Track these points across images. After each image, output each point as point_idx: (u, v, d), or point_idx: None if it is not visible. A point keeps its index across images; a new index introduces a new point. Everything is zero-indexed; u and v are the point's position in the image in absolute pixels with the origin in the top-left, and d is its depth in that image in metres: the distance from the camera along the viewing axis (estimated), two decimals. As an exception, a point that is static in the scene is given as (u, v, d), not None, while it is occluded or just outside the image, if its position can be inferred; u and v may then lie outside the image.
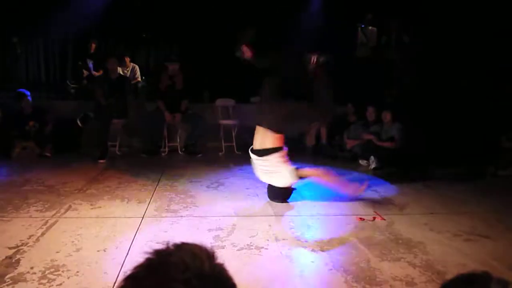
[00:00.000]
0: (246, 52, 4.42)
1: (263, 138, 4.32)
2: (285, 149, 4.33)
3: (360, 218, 3.93)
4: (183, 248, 0.80)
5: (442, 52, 7.88)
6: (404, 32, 8.07)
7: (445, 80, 7.66)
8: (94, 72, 8.28)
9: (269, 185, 4.48)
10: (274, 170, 4.31)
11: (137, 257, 0.81)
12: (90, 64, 8.35)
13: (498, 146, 6.03)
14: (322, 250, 3.20)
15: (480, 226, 3.85)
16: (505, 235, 3.68)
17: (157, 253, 0.79)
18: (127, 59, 8.64)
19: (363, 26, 8.50)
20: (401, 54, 8.19)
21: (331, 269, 2.89)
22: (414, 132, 6.47)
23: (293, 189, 4.48)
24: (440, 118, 6.95)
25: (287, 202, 4.44)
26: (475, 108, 7.04)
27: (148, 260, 0.79)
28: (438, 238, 3.55)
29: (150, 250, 0.80)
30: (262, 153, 4.32)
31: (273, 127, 4.27)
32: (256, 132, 4.43)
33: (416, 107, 7.33)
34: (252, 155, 4.43)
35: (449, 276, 0.83)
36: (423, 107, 7.24)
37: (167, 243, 0.82)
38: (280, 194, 4.43)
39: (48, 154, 6.29)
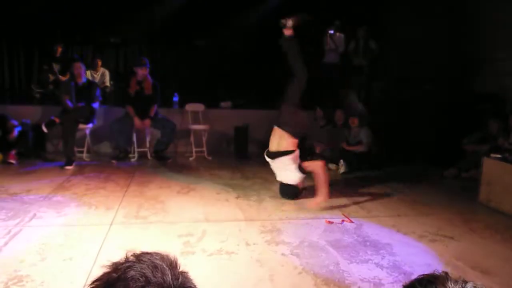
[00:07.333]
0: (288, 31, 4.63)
1: (280, 140, 4.62)
2: (297, 152, 4.61)
3: (329, 221, 3.98)
4: (142, 260, 0.76)
5: (407, 58, 8.08)
6: (371, 38, 8.25)
7: (409, 84, 7.86)
8: (60, 77, 8.08)
9: (281, 182, 4.79)
10: (285, 168, 4.66)
11: (104, 266, 0.78)
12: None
13: (461, 149, 6.21)
14: (292, 254, 3.23)
15: (444, 227, 3.97)
16: (468, 235, 3.81)
17: (115, 267, 0.76)
18: (99, 63, 8.49)
19: (331, 32, 8.63)
20: (369, 59, 8.37)
21: (300, 273, 2.92)
22: (380, 136, 6.61)
23: (303, 189, 4.76)
24: (405, 121, 7.12)
25: (296, 199, 4.66)
26: (439, 111, 7.24)
27: (106, 275, 0.75)
28: (404, 239, 3.63)
29: (108, 263, 0.76)
30: (276, 155, 4.65)
31: (291, 131, 4.62)
32: (272, 134, 4.74)
33: (382, 112, 7.50)
34: (266, 157, 4.79)
35: (415, 276, 0.86)
36: (389, 111, 7.41)
37: (126, 255, 0.78)
38: (288, 191, 4.72)
39: (12, 161, 6.08)
